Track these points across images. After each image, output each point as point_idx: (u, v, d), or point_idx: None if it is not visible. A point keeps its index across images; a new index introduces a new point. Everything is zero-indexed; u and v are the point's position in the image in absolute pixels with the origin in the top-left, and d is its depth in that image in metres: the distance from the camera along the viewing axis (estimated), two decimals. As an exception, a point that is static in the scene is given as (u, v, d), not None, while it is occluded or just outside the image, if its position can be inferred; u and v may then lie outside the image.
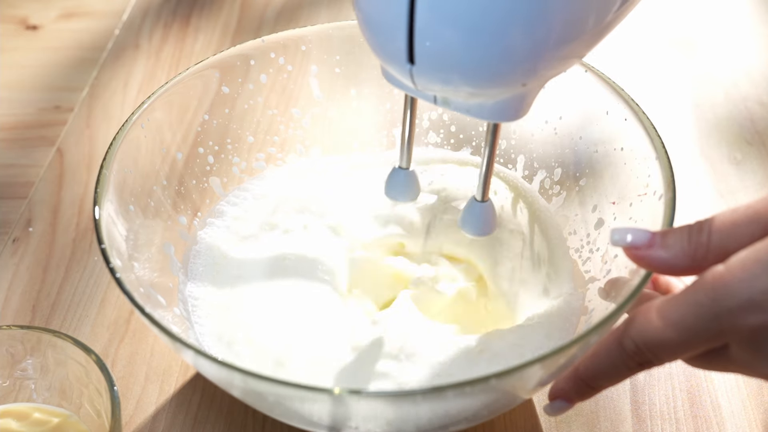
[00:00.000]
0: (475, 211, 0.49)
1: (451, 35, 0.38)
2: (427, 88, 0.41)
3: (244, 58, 0.60)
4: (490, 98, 0.42)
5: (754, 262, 0.38)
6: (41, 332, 0.49)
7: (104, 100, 0.77)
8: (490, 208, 0.49)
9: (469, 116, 0.43)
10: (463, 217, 0.49)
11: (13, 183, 0.70)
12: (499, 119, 0.43)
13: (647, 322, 0.41)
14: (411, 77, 0.40)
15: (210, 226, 0.58)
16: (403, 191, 0.51)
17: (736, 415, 0.53)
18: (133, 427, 0.53)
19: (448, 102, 0.43)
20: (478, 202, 0.48)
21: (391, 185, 0.51)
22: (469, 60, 0.38)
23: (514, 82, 0.40)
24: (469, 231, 0.49)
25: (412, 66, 0.39)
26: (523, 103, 0.43)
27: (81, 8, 0.89)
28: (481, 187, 0.48)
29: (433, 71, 0.40)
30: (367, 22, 0.41)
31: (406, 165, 0.51)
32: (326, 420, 0.44)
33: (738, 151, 0.71)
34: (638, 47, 0.82)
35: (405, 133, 0.49)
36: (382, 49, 0.41)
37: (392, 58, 0.40)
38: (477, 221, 0.49)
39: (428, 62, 0.39)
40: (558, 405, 0.46)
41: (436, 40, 0.38)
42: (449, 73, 0.39)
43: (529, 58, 0.39)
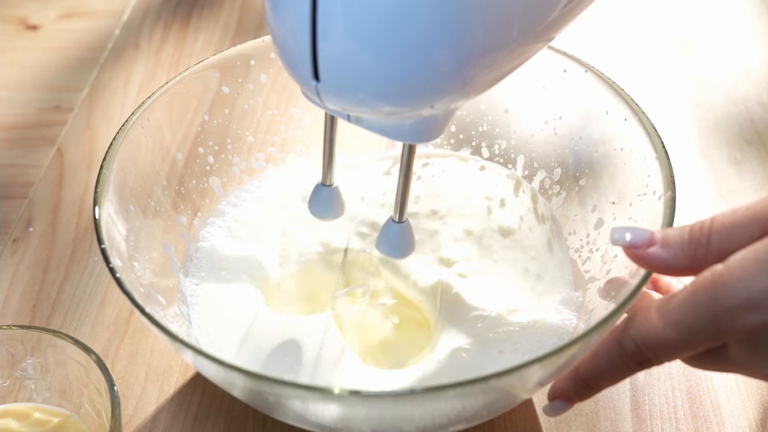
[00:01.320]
0: (392, 231, 0.48)
1: (353, 52, 0.37)
2: (336, 107, 0.41)
3: (244, 58, 0.60)
4: (402, 119, 0.41)
5: (754, 262, 0.38)
6: (41, 332, 0.49)
7: (104, 100, 0.77)
8: (408, 228, 0.48)
9: (382, 135, 0.43)
10: (380, 238, 0.49)
11: (13, 183, 0.70)
12: (412, 140, 0.43)
13: (647, 322, 0.41)
14: (318, 94, 0.40)
15: (210, 226, 0.58)
16: (327, 208, 0.51)
17: (736, 415, 0.53)
18: (133, 427, 0.53)
19: (360, 120, 0.42)
20: (395, 222, 0.48)
21: (315, 203, 0.51)
22: (374, 80, 0.38)
23: (420, 104, 0.40)
24: (386, 252, 0.49)
25: (317, 83, 0.39)
26: (436, 124, 0.42)
27: (81, 8, 0.89)
28: (399, 207, 0.47)
29: (339, 89, 0.39)
30: (275, 37, 0.40)
31: (329, 182, 0.50)
32: (326, 420, 0.44)
33: (738, 151, 0.71)
34: (638, 47, 0.82)
35: (326, 150, 0.49)
36: (289, 65, 0.40)
37: (299, 75, 0.40)
38: (394, 242, 0.49)
39: (333, 80, 0.38)
40: (557, 405, 0.46)
41: (339, 56, 0.37)
42: (353, 91, 0.39)
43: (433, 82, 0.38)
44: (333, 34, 0.37)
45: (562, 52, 0.57)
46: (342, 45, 0.37)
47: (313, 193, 0.51)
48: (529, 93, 0.59)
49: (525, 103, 0.60)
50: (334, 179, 0.50)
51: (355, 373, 0.49)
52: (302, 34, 0.37)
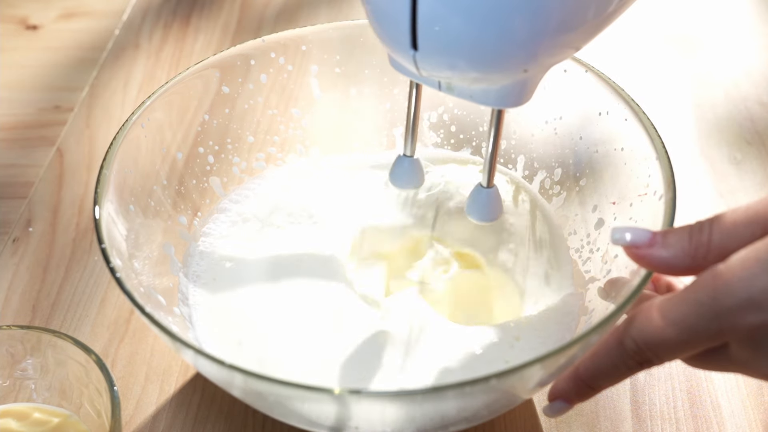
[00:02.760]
0: (481, 197, 0.49)
1: (453, 20, 0.38)
2: (431, 74, 0.42)
3: (244, 58, 0.60)
4: (492, 84, 0.42)
5: (755, 261, 0.38)
6: (41, 332, 0.49)
7: (104, 100, 0.77)
8: (496, 194, 0.49)
9: (472, 102, 0.44)
10: (469, 204, 0.50)
11: (13, 183, 0.70)
12: (502, 105, 0.44)
13: (648, 321, 0.41)
14: (415, 63, 0.41)
15: (210, 226, 0.58)
16: (407, 178, 0.52)
17: (736, 415, 0.53)
18: (133, 427, 0.53)
19: (451, 88, 0.43)
20: (483, 188, 0.49)
21: (396, 173, 0.52)
22: (471, 45, 0.39)
23: (515, 67, 0.41)
24: (475, 217, 0.50)
25: (415, 52, 0.40)
26: (525, 89, 0.43)
27: (81, 8, 0.89)
28: (487, 173, 0.48)
29: (436, 57, 0.40)
30: (371, 9, 0.41)
31: (410, 153, 0.52)
32: (326, 420, 0.44)
33: (738, 151, 0.71)
34: (638, 47, 0.82)
35: (410, 121, 0.50)
36: (387, 36, 0.41)
37: (396, 45, 0.41)
38: (483, 207, 0.49)
39: (431, 48, 0.40)
40: (557, 406, 0.46)
41: (439, 26, 0.39)
42: (452, 58, 0.40)
43: (530, 44, 0.39)
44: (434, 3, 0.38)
45: (563, 52, 0.57)
46: (442, 13, 0.38)
47: (394, 164, 0.52)
48: (529, 93, 0.59)
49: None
50: (416, 150, 0.52)
51: None
52: (403, 4, 0.38)
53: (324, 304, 0.53)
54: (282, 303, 0.54)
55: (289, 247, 0.57)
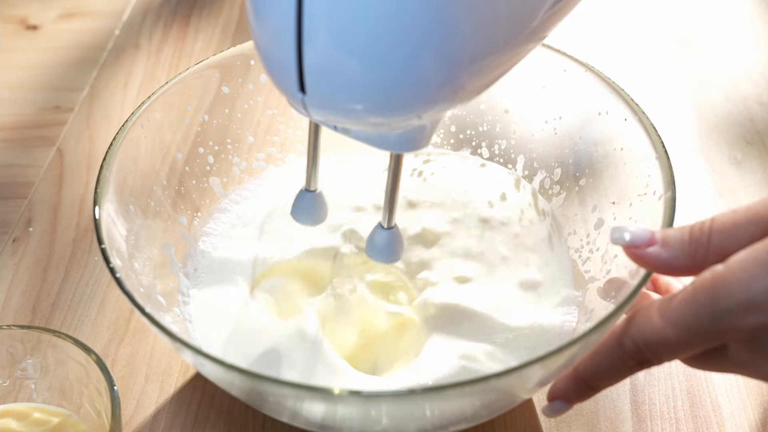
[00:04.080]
0: (382, 237, 0.48)
1: (339, 63, 0.37)
2: (322, 117, 0.41)
3: (244, 58, 0.60)
4: (389, 130, 0.41)
5: (754, 262, 0.38)
6: (41, 332, 0.49)
7: (104, 100, 0.77)
8: (397, 234, 0.48)
9: (369, 145, 0.42)
10: (368, 244, 0.49)
11: (13, 183, 0.70)
12: (399, 150, 0.43)
13: (647, 321, 0.41)
14: (304, 106, 0.39)
15: (210, 226, 0.58)
16: (309, 214, 0.51)
17: (736, 415, 0.53)
18: (133, 427, 0.53)
19: (347, 131, 0.42)
20: (383, 228, 0.48)
21: (298, 208, 0.50)
22: (361, 92, 0.38)
23: (407, 115, 0.39)
24: (376, 258, 0.49)
25: (303, 95, 0.39)
26: (422, 134, 0.42)
27: (81, 8, 0.89)
28: (387, 213, 0.47)
29: (324, 101, 0.39)
30: (259, 48, 0.40)
31: (313, 187, 0.50)
32: (326, 420, 0.44)
33: (738, 151, 0.71)
34: (638, 47, 0.82)
35: (310, 155, 0.48)
36: (276, 79, 0.40)
37: (285, 88, 0.39)
38: (383, 248, 0.48)
39: (319, 93, 0.38)
40: (557, 406, 0.46)
41: (325, 67, 0.37)
42: (340, 104, 0.39)
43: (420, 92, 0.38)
44: (319, 46, 0.37)
45: (562, 52, 0.57)
46: (329, 56, 0.37)
47: (296, 199, 0.50)
48: (529, 93, 0.59)
49: (525, 103, 0.60)
50: (318, 184, 0.50)
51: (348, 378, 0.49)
52: (288, 46, 0.37)
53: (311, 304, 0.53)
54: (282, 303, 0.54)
55: (289, 248, 0.57)
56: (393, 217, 0.47)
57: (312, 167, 0.49)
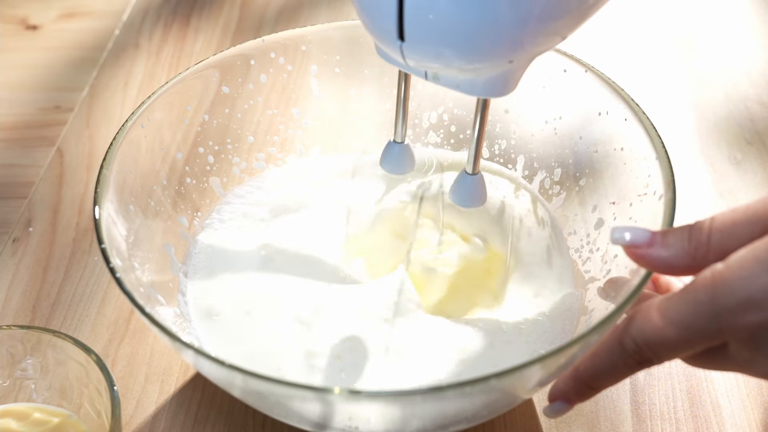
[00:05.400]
0: (466, 182, 0.51)
1: (439, 11, 0.39)
2: (417, 64, 0.43)
3: (244, 58, 0.60)
4: (479, 75, 0.43)
5: (754, 260, 0.38)
6: (41, 332, 0.49)
7: (104, 100, 0.77)
8: (480, 180, 0.51)
9: (459, 91, 0.44)
10: (453, 188, 0.51)
11: (13, 183, 0.70)
12: (488, 95, 0.45)
13: (647, 321, 0.41)
14: (402, 53, 0.42)
15: (210, 226, 0.58)
16: (397, 163, 0.54)
17: (736, 415, 0.53)
18: (133, 427, 0.53)
19: (438, 77, 0.44)
20: (468, 174, 0.50)
21: (386, 158, 0.54)
22: (457, 36, 0.40)
23: (501, 58, 0.41)
24: (459, 202, 0.51)
25: (402, 42, 0.41)
26: (510, 79, 0.44)
27: (81, 8, 0.89)
28: (472, 159, 0.49)
29: (423, 48, 0.41)
30: (359, 1, 0.42)
31: (400, 139, 0.53)
32: (326, 420, 0.44)
33: (738, 151, 0.71)
34: (638, 47, 0.82)
35: (399, 108, 0.51)
36: (374, 27, 0.42)
37: (383, 35, 0.42)
38: (467, 193, 0.51)
39: (418, 39, 0.41)
40: (557, 406, 0.46)
41: (425, 17, 0.39)
42: (438, 49, 0.41)
43: (515, 34, 0.40)
44: None
45: (562, 52, 0.57)
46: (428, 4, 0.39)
47: (385, 150, 0.54)
48: (529, 93, 0.59)
49: (525, 103, 0.60)
50: (405, 137, 0.53)
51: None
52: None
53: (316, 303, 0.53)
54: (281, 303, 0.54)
55: (289, 248, 0.57)
56: (478, 163, 0.50)
57: (400, 119, 0.52)
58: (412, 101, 0.62)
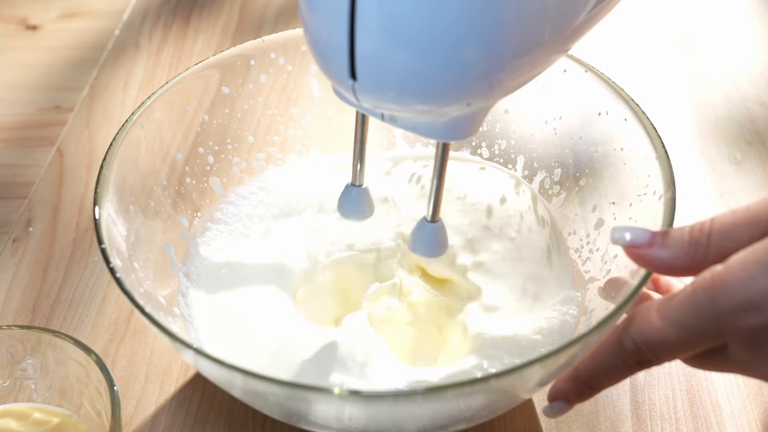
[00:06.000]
0: (426, 231, 0.48)
1: (391, 51, 0.37)
2: (371, 105, 0.41)
3: (244, 58, 0.60)
4: (436, 117, 0.41)
5: (753, 262, 0.38)
6: (41, 332, 0.49)
7: (104, 100, 0.77)
8: (441, 228, 0.48)
9: (417, 134, 0.43)
10: (413, 238, 0.48)
11: (13, 183, 0.70)
12: (447, 138, 0.43)
13: (647, 321, 0.41)
14: (354, 94, 0.40)
15: (210, 226, 0.58)
16: (355, 209, 0.51)
17: (736, 415, 0.53)
18: (133, 427, 0.53)
19: (395, 119, 0.42)
20: (428, 222, 0.48)
21: (344, 203, 0.51)
22: (410, 79, 0.38)
23: (457, 102, 0.40)
24: (420, 252, 0.48)
25: (354, 82, 0.39)
26: (471, 122, 0.42)
27: (81, 8, 0.89)
28: (432, 206, 0.47)
29: (375, 88, 0.39)
30: (311, 36, 0.40)
31: (359, 182, 0.50)
32: (326, 420, 0.44)
33: (738, 151, 0.71)
34: (638, 47, 0.82)
35: (357, 150, 0.49)
36: (326, 65, 0.40)
37: (335, 74, 0.40)
38: (428, 242, 0.48)
39: (370, 79, 0.39)
40: (557, 406, 0.46)
41: (377, 55, 0.38)
42: (391, 90, 0.39)
43: (471, 80, 0.38)
44: (372, 34, 0.37)
45: (562, 52, 0.57)
46: (380, 44, 0.37)
47: (342, 194, 0.51)
48: (529, 93, 0.59)
49: (525, 103, 0.60)
50: (364, 180, 0.50)
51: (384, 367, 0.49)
52: (340, 34, 0.37)
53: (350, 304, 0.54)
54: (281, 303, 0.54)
55: (289, 248, 0.57)
56: (438, 211, 0.47)
57: (359, 162, 0.49)
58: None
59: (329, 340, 0.51)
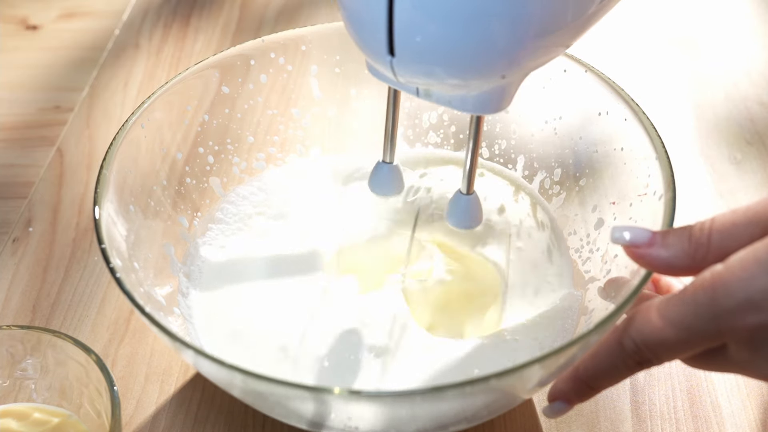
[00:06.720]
0: (461, 203, 0.49)
1: (430, 27, 0.38)
2: (408, 80, 0.42)
3: (244, 58, 0.60)
4: (471, 90, 0.42)
5: (753, 262, 0.38)
6: (41, 332, 0.49)
7: (104, 100, 0.77)
8: (476, 200, 0.49)
9: (451, 108, 0.44)
10: (449, 211, 0.50)
11: (13, 183, 0.70)
12: (480, 111, 0.44)
13: (647, 321, 0.41)
14: (392, 69, 0.41)
15: (210, 226, 0.58)
16: (387, 185, 0.52)
17: (736, 415, 0.53)
18: (133, 427, 0.53)
19: (429, 94, 0.43)
20: (463, 195, 0.49)
21: (375, 180, 0.52)
22: (448, 52, 0.39)
23: (493, 74, 0.41)
24: (455, 224, 0.50)
25: (392, 58, 0.40)
26: (504, 95, 0.43)
27: (81, 8, 0.89)
28: (466, 180, 0.48)
29: (413, 63, 0.40)
30: (348, 14, 0.41)
31: (389, 159, 0.51)
32: (326, 420, 0.44)
33: (738, 151, 0.71)
34: (638, 47, 0.82)
35: (388, 128, 0.50)
36: (364, 42, 0.41)
37: (373, 51, 0.41)
38: (463, 214, 0.49)
39: (408, 54, 0.40)
40: (557, 407, 0.46)
41: (415, 32, 0.39)
42: (429, 65, 0.40)
43: (507, 51, 0.40)
44: (409, 9, 0.38)
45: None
46: (418, 19, 0.38)
47: (373, 171, 0.52)
48: (529, 93, 0.59)
49: (525, 103, 0.60)
50: (394, 157, 0.51)
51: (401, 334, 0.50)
52: (379, 10, 0.38)
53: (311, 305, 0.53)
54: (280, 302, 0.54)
55: (289, 248, 0.57)
56: (473, 183, 0.48)
57: (389, 139, 0.50)
58: (412, 101, 0.62)
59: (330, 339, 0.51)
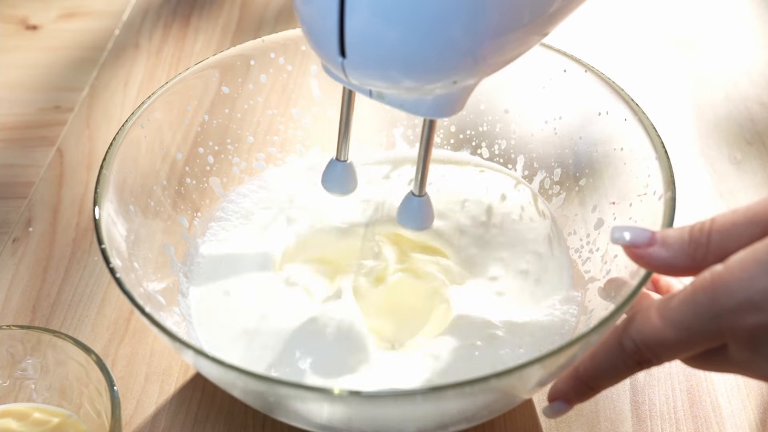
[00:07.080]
0: (413, 205, 0.49)
1: (380, 30, 0.38)
2: (360, 82, 0.42)
3: (244, 58, 0.60)
4: (423, 94, 0.42)
5: (753, 262, 0.38)
6: (41, 332, 0.49)
7: (104, 100, 0.77)
8: (427, 202, 0.49)
9: (403, 111, 0.44)
10: (400, 211, 0.50)
11: (13, 183, 0.70)
12: (433, 115, 0.44)
13: (647, 321, 0.41)
14: (343, 70, 0.41)
15: (210, 226, 0.58)
16: (340, 183, 0.52)
17: (736, 415, 0.53)
18: (133, 427, 0.53)
19: (382, 96, 0.43)
20: (414, 196, 0.49)
21: (329, 177, 0.52)
22: (398, 56, 0.39)
23: (443, 79, 0.41)
24: (407, 225, 0.50)
25: (343, 59, 0.40)
26: (457, 99, 0.43)
27: (81, 8, 0.89)
28: (418, 181, 0.48)
29: (365, 65, 0.40)
30: (301, 15, 0.41)
31: (343, 157, 0.51)
32: (326, 420, 0.44)
33: (738, 151, 0.71)
34: (638, 47, 0.82)
35: (342, 125, 0.50)
36: (316, 43, 0.41)
37: (325, 52, 0.41)
38: (414, 216, 0.49)
39: (358, 56, 0.40)
40: (557, 407, 0.46)
41: (366, 35, 0.39)
42: (379, 67, 0.40)
43: (459, 56, 0.40)
44: (361, 12, 0.38)
45: (562, 52, 0.57)
46: (369, 22, 0.38)
47: (326, 168, 0.52)
48: (529, 93, 0.59)
49: (525, 103, 0.60)
50: (348, 155, 0.51)
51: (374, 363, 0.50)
52: (330, 12, 0.38)
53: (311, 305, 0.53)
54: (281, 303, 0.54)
55: (288, 247, 0.57)
56: (424, 185, 0.48)
57: (343, 137, 0.50)
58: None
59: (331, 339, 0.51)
